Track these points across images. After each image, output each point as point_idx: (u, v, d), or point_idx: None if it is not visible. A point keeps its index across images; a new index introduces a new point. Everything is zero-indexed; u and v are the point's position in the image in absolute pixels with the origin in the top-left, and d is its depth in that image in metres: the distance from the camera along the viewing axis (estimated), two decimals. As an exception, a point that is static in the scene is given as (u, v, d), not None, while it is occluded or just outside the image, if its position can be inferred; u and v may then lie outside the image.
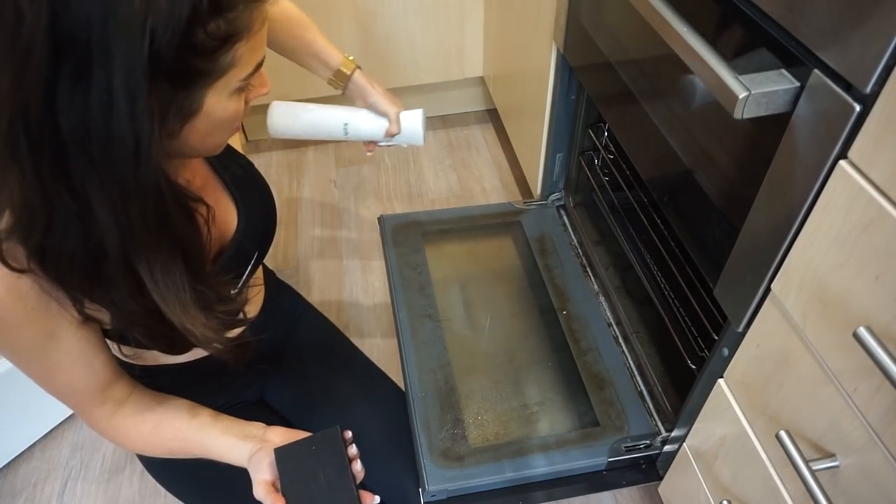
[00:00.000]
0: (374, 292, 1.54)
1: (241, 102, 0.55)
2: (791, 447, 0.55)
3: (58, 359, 0.61)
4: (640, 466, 0.97)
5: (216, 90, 0.50)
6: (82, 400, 0.67)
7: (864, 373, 0.49)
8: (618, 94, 0.89)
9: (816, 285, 0.53)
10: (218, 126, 0.54)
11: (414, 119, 0.95)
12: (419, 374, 1.04)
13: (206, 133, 0.54)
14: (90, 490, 1.21)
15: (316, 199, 1.79)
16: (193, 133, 0.53)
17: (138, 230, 0.50)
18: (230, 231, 0.74)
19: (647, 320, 1.12)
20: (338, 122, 0.94)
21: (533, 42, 1.30)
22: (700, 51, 0.58)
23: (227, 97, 0.52)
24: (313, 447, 0.68)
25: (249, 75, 0.52)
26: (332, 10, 1.64)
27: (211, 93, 0.50)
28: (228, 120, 0.54)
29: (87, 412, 0.69)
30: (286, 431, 0.71)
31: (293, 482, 0.65)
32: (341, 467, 0.66)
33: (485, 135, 1.98)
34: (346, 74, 0.93)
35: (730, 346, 0.71)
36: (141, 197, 0.48)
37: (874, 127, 0.45)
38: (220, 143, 0.59)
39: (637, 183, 1.12)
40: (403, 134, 0.95)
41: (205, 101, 0.50)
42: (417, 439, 0.94)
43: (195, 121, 0.51)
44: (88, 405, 0.68)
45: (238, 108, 0.55)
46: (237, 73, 0.50)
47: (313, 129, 0.95)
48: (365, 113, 0.94)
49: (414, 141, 0.96)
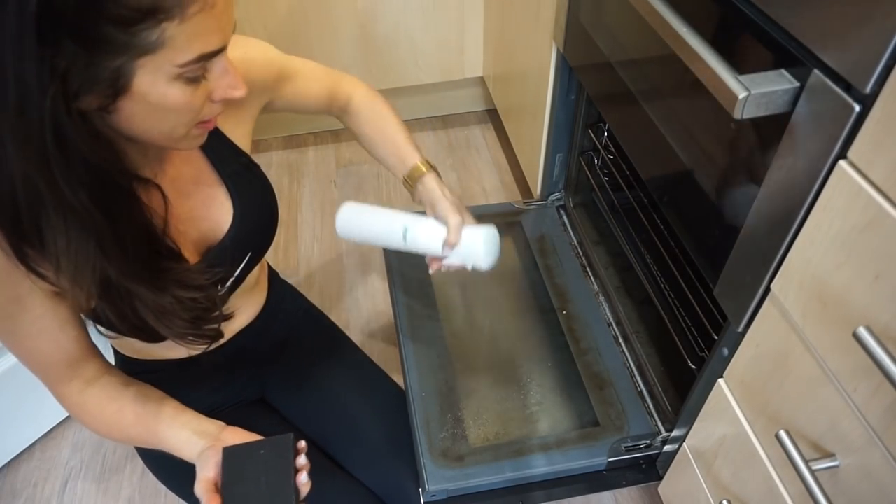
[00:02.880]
0: (375, 292, 1.54)
1: (191, 94, 0.53)
2: (791, 447, 0.55)
3: (24, 327, 0.63)
4: (640, 466, 0.97)
5: (146, 70, 0.48)
6: (50, 373, 0.69)
7: (863, 373, 0.49)
8: (618, 94, 0.89)
9: (816, 285, 0.53)
10: (161, 113, 0.53)
11: (475, 236, 0.81)
12: (419, 374, 1.04)
13: (149, 118, 0.53)
14: (90, 490, 1.21)
15: (316, 199, 1.80)
16: (135, 115, 0.52)
17: (40, 187, 0.50)
18: (223, 227, 0.73)
19: (647, 320, 1.12)
20: (399, 226, 0.84)
21: (533, 42, 1.30)
22: (700, 51, 0.58)
23: (166, 82, 0.50)
24: (262, 451, 0.66)
25: (189, 63, 0.50)
26: (333, 11, 1.65)
27: (140, 72, 0.48)
28: (174, 109, 0.53)
29: (54, 386, 0.70)
30: (243, 433, 0.70)
31: (234, 483, 0.64)
32: (285, 476, 0.65)
33: (485, 135, 1.98)
34: (417, 176, 0.86)
35: (730, 346, 0.71)
36: (37, 151, 0.48)
37: (874, 127, 0.45)
38: (176, 134, 0.57)
39: (637, 183, 1.12)
40: (462, 248, 0.81)
41: (133, 79, 0.49)
42: (417, 439, 0.94)
43: (130, 101, 0.50)
44: (56, 380, 0.69)
45: (187, 99, 0.53)
46: (170, 56, 0.48)
47: (374, 232, 0.86)
48: (429, 221, 0.83)
49: (475, 260, 0.82)
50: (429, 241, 0.82)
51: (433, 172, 0.86)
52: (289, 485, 0.64)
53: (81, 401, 0.71)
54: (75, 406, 0.71)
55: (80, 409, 0.71)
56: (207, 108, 0.57)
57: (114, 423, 0.72)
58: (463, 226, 0.81)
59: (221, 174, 0.73)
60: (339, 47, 1.72)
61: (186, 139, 0.59)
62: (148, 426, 0.71)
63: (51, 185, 0.50)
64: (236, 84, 0.56)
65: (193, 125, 0.57)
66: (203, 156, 0.72)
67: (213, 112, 0.58)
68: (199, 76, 0.53)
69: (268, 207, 0.79)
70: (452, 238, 0.80)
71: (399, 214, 0.84)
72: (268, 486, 0.64)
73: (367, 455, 0.91)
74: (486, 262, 0.82)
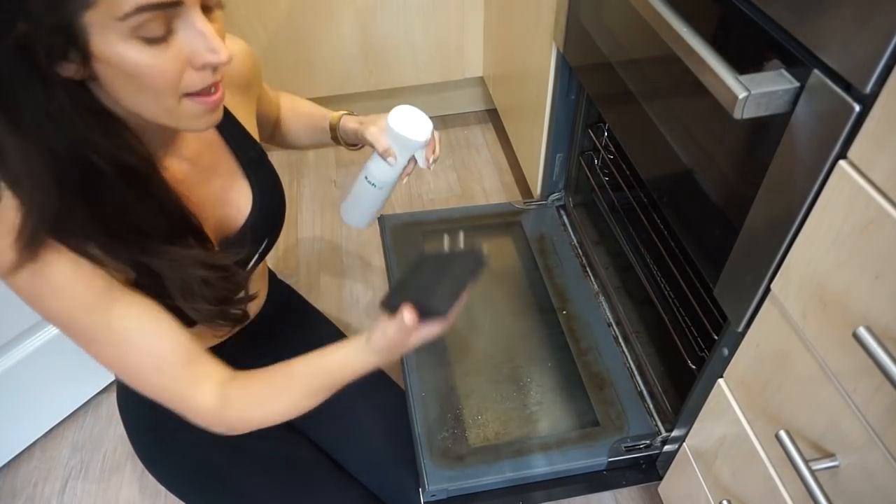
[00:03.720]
0: (375, 292, 1.54)
1: (155, 57, 0.50)
2: (791, 447, 0.55)
3: (122, 322, 0.60)
4: (640, 466, 0.97)
5: (96, 28, 0.47)
6: (173, 380, 0.63)
7: (863, 373, 0.49)
8: (618, 94, 0.89)
9: (816, 285, 0.53)
10: (135, 81, 0.51)
11: (391, 128, 0.79)
12: (419, 374, 1.04)
13: (126, 86, 0.52)
14: (90, 490, 1.21)
15: (316, 199, 1.80)
16: (114, 84, 0.51)
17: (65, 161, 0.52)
18: (243, 213, 0.74)
19: (647, 320, 1.12)
20: (363, 181, 0.85)
21: (533, 42, 1.30)
22: (700, 51, 0.58)
23: (121, 41, 0.48)
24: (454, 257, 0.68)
25: (130, 15, 0.47)
26: (333, 11, 1.65)
27: (92, 30, 0.47)
28: (141, 74, 0.50)
29: (188, 398, 0.64)
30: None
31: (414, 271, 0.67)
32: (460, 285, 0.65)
33: (485, 135, 1.98)
34: (335, 125, 0.87)
35: (730, 346, 0.71)
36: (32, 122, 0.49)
37: (874, 127, 0.45)
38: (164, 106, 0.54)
39: (637, 183, 1.12)
40: (398, 145, 0.80)
41: (90, 39, 0.47)
42: (417, 439, 0.94)
43: (101, 66, 0.49)
44: (184, 387, 0.64)
45: (151, 62, 0.50)
46: (108, 9, 0.46)
47: (364, 203, 0.88)
48: (372, 155, 0.84)
49: (412, 140, 0.79)
50: (380, 167, 0.82)
51: (346, 114, 0.87)
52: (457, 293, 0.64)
53: (229, 401, 0.65)
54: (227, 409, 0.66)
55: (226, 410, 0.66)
56: (189, 77, 0.53)
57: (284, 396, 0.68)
58: (381, 131, 0.80)
59: (240, 161, 0.74)
60: (339, 47, 1.72)
61: (184, 115, 0.56)
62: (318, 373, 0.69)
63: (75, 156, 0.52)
64: (214, 46, 0.52)
65: (180, 97, 0.54)
66: (223, 142, 0.73)
67: (200, 82, 0.54)
68: (158, 37, 0.49)
69: (280, 196, 0.80)
70: (380, 147, 0.79)
71: (360, 174, 0.86)
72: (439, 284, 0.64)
73: (366, 456, 0.91)
74: (420, 133, 0.79)
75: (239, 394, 0.67)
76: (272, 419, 0.69)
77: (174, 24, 0.50)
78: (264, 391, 0.68)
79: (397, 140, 0.80)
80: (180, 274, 0.61)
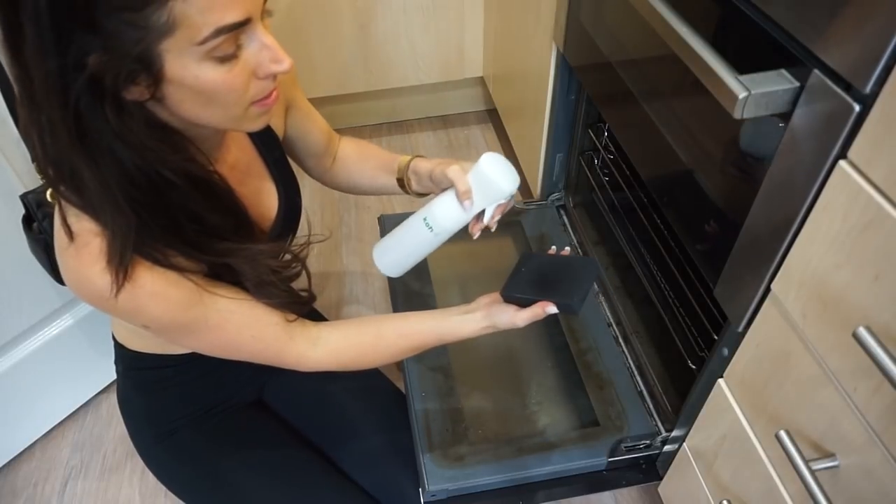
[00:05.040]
0: (375, 293, 1.54)
1: (227, 73, 0.52)
2: (791, 447, 0.55)
3: (218, 310, 0.67)
4: (640, 466, 0.97)
5: (172, 54, 0.49)
6: (273, 341, 0.72)
7: (863, 373, 0.49)
8: (618, 93, 0.89)
9: (816, 285, 0.53)
10: (205, 96, 0.53)
11: (480, 169, 0.72)
12: (419, 374, 1.04)
13: (196, 102, 0.54)
14: (90, 490, 1.21)
15: (316, 199, 1.80)
16: (183, 101, 0.53)
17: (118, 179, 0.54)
18: (273, 211, 0.78)
19: (647, 320, 1.12)
20: (419, 223, 0.76)
21: (533, 42, 1.30)
22: (700, 51, 0.58)
23: (196, 63, 0.50)
24: (568, 264, 0.79)
25: (208, 39, 0.49)
26: (333, 11, 1.65)
27: (167, 56, 0.49)
28: (214, 90, 0.53)
29: (285, 352, 0.73)
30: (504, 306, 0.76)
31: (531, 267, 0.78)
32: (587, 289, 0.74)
33: (485, 135, 1.98)
34: (405, 168, 0.83)
35: (730, 346, 0.71)
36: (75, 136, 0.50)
37: (874, 127, 0.45)
38: (232, 115, 0.57)
39: (637, 183, 1.12)
40: (479, 189, 0.73)
41: (165, 65, 0.49)
42: (417, 439, 0.94)
43: (171, 87, 0.51)
44: (282, 345, 0.72)
45: (223, 79, 0.52)
46: (188, 35, 0.48)
47: (409, 248, 0.80)
48: (439, 196, 0.77)
49: (499, 190, 0.72)
50: (448, 210, 0.74)
51: (417, 157, 0.84)
52: (586, 295, 0.73)
53: (328, 347, 0.75)
54: (325, 353, 0.75)
55: (333, 354, 0.76)
56: (255, 87, 0.56)
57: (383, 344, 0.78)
58: (464, 172, 0.73)
59: (266, 161, 0.77)
60: (339, 47, 1.72)
61: (247, 119, 0.59)
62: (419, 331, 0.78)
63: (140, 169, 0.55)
64: (278, 57, 0.55)
65: (247, 105, 0.57)
66: (252, 144, 0.75)
67: (263, 90, 0.57)
68: (230, 54, 0.52)
69: (299, 192, 0.83)
70: (461, 187, 0.72)
71: (414, 215, 0.78)
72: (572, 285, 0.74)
73: (366, 457, 0.91)
74: (509, 183, 0.72)
75: (340, 342, 0.77)
76: (366, 364, 0.80)
77: (241, 39, 0.53)
78: (358, 338, 0.78)
79: (483, 183, 0.72)
80: (253, 267, 0.66)
